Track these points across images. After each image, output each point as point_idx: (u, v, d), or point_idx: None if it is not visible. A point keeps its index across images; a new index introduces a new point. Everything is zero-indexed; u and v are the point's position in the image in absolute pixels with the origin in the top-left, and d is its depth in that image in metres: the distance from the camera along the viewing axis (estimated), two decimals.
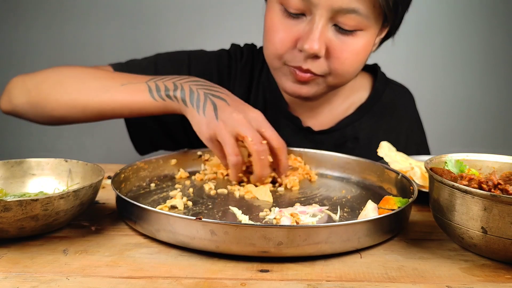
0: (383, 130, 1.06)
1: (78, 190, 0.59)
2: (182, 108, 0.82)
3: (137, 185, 0.80)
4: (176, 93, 0.82)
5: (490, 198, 0.53)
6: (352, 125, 1.04)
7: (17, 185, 0.71)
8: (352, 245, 0.57)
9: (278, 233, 0.54)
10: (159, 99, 0.83)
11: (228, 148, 0.77)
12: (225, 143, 0.77)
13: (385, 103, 1.07)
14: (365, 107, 1.05)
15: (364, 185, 0.84)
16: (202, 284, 0.50)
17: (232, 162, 0.77)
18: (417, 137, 1.13)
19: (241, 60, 1.08)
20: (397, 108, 1.09)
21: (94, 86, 0.86)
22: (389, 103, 1.07)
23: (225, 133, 0.77)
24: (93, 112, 0.86)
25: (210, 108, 0.79)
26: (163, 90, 0.83)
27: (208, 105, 0.80)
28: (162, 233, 0.58)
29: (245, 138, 0.76)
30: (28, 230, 0.58)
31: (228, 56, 1.08)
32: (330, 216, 0.68)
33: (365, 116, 1.05)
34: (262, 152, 0.77)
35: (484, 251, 0.57)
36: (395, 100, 1.09)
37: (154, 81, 0.85)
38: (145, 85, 0.84)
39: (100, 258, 0.56)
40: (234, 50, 1.09)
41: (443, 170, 0.63)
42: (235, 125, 0.77)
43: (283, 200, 0.75)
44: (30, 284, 0.49)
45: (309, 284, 0.51)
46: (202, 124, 0.79)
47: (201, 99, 0.80)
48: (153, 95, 0.83)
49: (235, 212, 0.67)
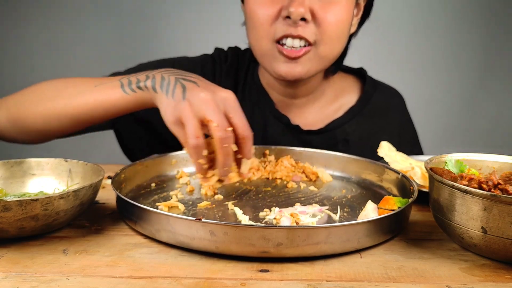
0: (373, 132, 1.06)
1: (78, 190, 0.59)
2: (152, 96, 0.77)
3: (137, 185, 0.80)
4: (147, 83, 0.77)
5: (490, 198, 0.53)
6: (342, 128, 1.04)
7: (17, 185, 0.71)
8: (352, 245, 0.57)
9: (277, 233, 0.54)
10: (130, 92, 0.79)
11: (188, 128, 0.70)
12: (187, 123, 0.70)
13: (375, 106, 1.07)
14: (355, 110, 1.06)
15: (364, 185, 0.84)
16: (202, 284, 0.50)
17: (191, 144, 0.69)
18: (409, 138, 1.14)
19: (225, 63, 1.08)
20: (388, 110, 1.10)
21: (68, 92, 0.84)
22: (379, 105, 1.08)
23: (189, 113, 0.70)
24: (68, 118, 0.83)
25: (179, 90, 0.74)
26: (134, 83, 0.79)
27: (178, 88, 0.74)
28: (162, 233, 0.58)
29: (209, 122, 0.70)
30: (28, 230, 0.58)
31: (212, 60, 1.08)
32: (330, 216, 0.68)
33: (355, 118, 1.06)
34: (226, 139, 0.70)
35: (484, 251, 0.57)
36: (385, 103, 1.10)
37: (128, 77, 0.81)
38: (118, 82, 0.81)
39: (100, 258, 0.56)
40: (218, 54, 1.10)
41: (443, 170, 0.63)
42: (202, 107, 0.71)
43: (283, 200, 0.75)
44: (30, 284, 0.49)
45: (309, 284, 0.51)
46: (169, 107, 0.73)
47: (171, 83, 0.75)
48: (125, 89, 0.80)
49: (236, 212, 0.67)
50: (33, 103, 0.86)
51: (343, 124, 1.05)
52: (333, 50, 0.92)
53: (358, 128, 1.05)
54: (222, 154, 0.71)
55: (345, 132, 1.04)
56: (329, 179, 0.85)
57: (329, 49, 0.91)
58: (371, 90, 1.08)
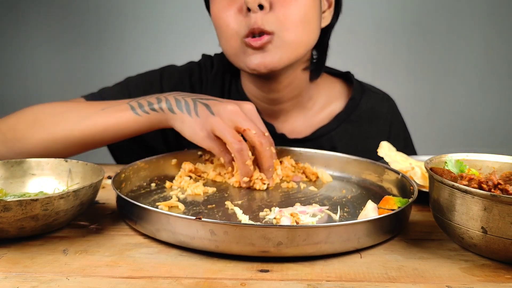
0: (362, 138, 1.05)
1: (78, 190, 0.59)
2: (168, 118, 0.80)
3: (138, 185, 0.80)
4: (161, 105, 0.81)
5: (490, 198, 0.53)
6: (328, 135, 1.03)
7: (17, 185, 0.71)
8: (352, 245, 0.57)
9: (277, 233, 0.54)
10: (143, 114, 0.81)
11: (228, 137, 0.75)
12: (225, 133, 0.75)
13: (362, 112, 1.06)
14: (342, 116, 1.04)
15: (364, 185, 0.84)
16: (202, 284, 0.50)
17: (236, 148, 0.75)
18: (401, 141, 1.12)
19: (211, 70, 1.08)
20: (376, 115, 1.08)
21: (72, 116, 0.84)
22: (367, 111, 1.07)
23: (223, 125, 0.75)
24: (75, 143, 0.84)
25: (203, 108, 0.78)
26: (146, 105, 0.82)
27: (200, 106, 0.79)
28: (162, 233, 0.58)
29: (246, 130, 0.75)
30: (28, 230, 0.58)
31: (198, 68, 1.09)
32: (330, 216, 0.68)
33: (342, 125, 1.04)
34: (266, 143, 0.76)
35: (484, 251, 0.57)
36: (373, 108, 1.08)
37: (136, 100, 0.83)
38: (127, 105, 0.83)
39: (100, 258, 0.56)
40: (204, 61, 1.10)
41: (443, 170, 0.63)
42: (233, 118, 0.76)
43: (283, 200, 0.75)
44: (30, 284, 0.49)
45: (309, 284, 0.51)
46: (196, 124, 0.78)
47: (190, 103, 0.79)
48: (136, 111, 0.81)
49: (236, 212, 0.67)
50: (33, 128, 0.84)
51: (329, 131, 1.03)
52: (299, 36, 0.90)
53: (345, 135, 1.04)
54: (265, 157, 0.77)
55: (332, 140, 1.03)
56: (329, 179, 0.85)
57: (294, 35, 0.89)
58: (358, 95, 1.06)
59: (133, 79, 1.06)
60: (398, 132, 1.12)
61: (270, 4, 0.87)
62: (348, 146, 1.03)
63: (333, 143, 1.03)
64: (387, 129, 1.09)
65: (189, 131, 0.78)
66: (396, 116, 1.13)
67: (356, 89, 1.07)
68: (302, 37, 0.91)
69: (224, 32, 0.91)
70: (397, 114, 1.14)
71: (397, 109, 1.14)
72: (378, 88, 1.14)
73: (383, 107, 1.11)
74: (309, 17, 0.91)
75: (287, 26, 0.88)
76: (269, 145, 0.78)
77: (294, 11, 0.88)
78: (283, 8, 0.87)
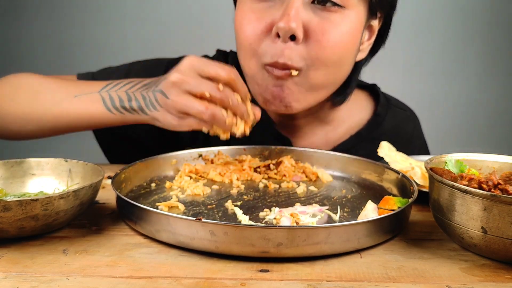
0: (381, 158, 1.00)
1: (78, 190, 0.59)
2: (144, 118, 0.76)
3: (138, 185, 0.80)
4: (132, 104, 0.76)
5: (490, 198, 0.53)
6: (348, 152, 0.95)
7: (17, 185, 0.71)
8: (352, 245, 0.57)
9: (277, 233, 0.54)
10: (115, 111, 0.77)
11: (193, 110, 0.69)
12: (188, 108, 0.69)
13: (386, 130, 0.98)
14: (363, 133, 0.97)
15: (364, 185, 0.84)
16: (202, 284, 0.50)
17: (208, 116, 0.69)
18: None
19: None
20: (400, 135, 1.00)
21: (46, 98, 0.81)
22: (391, 129, 0.98)
23: (180, 100, 0.70)
24: (48, 126, 0.81)
25: (160, 96, 0.73)
26: (117, 101, 0.77)
27: (158, 95, 0.73)
28: (162, 233, 0.58)
29: (202, 95, 0.69)
30: (28, 230, 0.58)
31: None
32: (330, 216, 0.68)
33: (362, 142, 0.97)
34: (227, 96, 0.70)
35: (484, 251, 0.57)
36: (398, 127, 1.00)
37: (107, 90, 0.79)
38: (98, 95, 0.79)
39: (100, 258, 0.56)
40: (218, 57, 1.02)
41: (443, 170, 0.63)
42: (182, 87, 0.70)
43: (283, 200, 0.75)
44: (30, 284, 0.49)
45: (309, 284, 0.51)
46: (165, 114, 0.72)
47: (151, 97, 0.74)
48: (108, 106, 0.78)
49: (236, 212, 0.67)
50: (9, 103, 0.82)
51: (348, 148, 0.95)
52: (326, 77, 0.81)
53: (364, 153, 0.95)
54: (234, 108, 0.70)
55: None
56: (329, 179, 0.85)
57: (323, 76, 0.80)
58: (383, 111, 0.98)
59: (136, 66, 1.01)
60: (423, 150, 1.06)
61: (305, 33, 0.77)
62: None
63: None
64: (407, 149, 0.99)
65: (166, 125, 0.74)
66: (419, 136, 1.06)
67: (382, 106, 0.99)
68: (331, 79, 0.82)
69: (243, 48, 0.83)
70: (421, 135, 1.07)
71: (420, 128, 1.07)
72: (404, 104, 1.06)
73: (408, 127, 1.03)
74: (347, 56, 0.81)
75: (318, 66, 0.79)
76: (231, 94, 0.70)
77: (330, 49, 0.78)
78: (318, 45, 0.77)
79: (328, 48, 0.78)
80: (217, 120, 0.70)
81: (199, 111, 0.69)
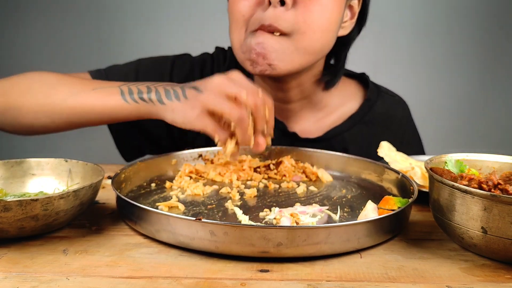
0: (375, 141, 1.00)
1: (78, 190, 0.59)
2: (158, 109, 0.76)
3: (138, 185, 0.80)
4: (151, 95, 0.77)
5: (490, 198, 0.53)
6: (341, 136, 1.01)
7: (17, 185, 0.71)
8: (352, 245, 0.57)
9: (277, 233, 0.54)
10: (131, 102, 0.78)
11: (225, 107, 0.70)
12: (220, 104, 0.70)
13: (377, 114, 1.03)
14: (356, 118, 1.02)
15: (364, 185, 0.84)
16: (202, 284, 0.50)
17: (237, 116, 0.70)
18: (414, 147, 1.09)
19: (224, 64, 1.05)
20: (391, 120, 1.06)
21: (63, 90, 0.82)
22: (382, 114, 1.04)
23: (216, 98, 0.71)
24: (62, 118, 0.82)
25: (190, 90, 0.74)
26: (135, 93, 0.78)
27: (188, 90, 0.75)
28: (162, 233, 0.58)
29: (237, 96, 0.70)
30: (28, 230, 0.58)
31: (211, 60, 1.06)
32: (330, 216, 0.68)
33: (355, 126, 1.02)
34: (261, 105, 0.72)
35: (484, 251, 0.57)
36: (388, 111, 1.05)
37: (127, 85, 0.80)
38: (117, 88, 0.80)
39: (100, 258, 0.56)
40: (217, 53, 1.07)
41: (443, 170, 0.63)
42: (222, 88, 0.71)
43: (283, 200, 0.75)
44: (30, 284, 0.49)
45: (309, 284, 0.51)
46: (187, 107, 0.73)
47: (179, 91, 0.75)
48: (126, 97, 0.78)
49: (236, 212, 0.67)
50: (24, 96, 0.83)
51: (342, 132, 1.01)
52: (314, 42, 0.85)
53: (358, 137, 1.01)
54: (260, 119, 0.73)
55: (344, 141, 1.01)
56: (329, 179, 0.85)
57: (308, 42, 0.84)
58: (374, 97, 1.04)
59: (144, 63, 1.03)
60: (411, 137, 1.10)
61: (293, 1, 0.82)
62: (361, 148, 1.00)
63: (345, 144, 1.01)
64: (400, 134, 1.07)
65: (180, 117, 0.74)
66: (409, 121, 1.10)
67: (372, 91, 1.04)
68: (317, 45, 0.86)
69: (235, 21, 0.86)
70: (410, 119, 1.11)
71: (410, 114, 1.11)
72: (393, 92, 1.11)
73: (398, 111, 1.08)
74: (330, 24, 0.86)
75: (304, 28, 0.83)
76: (263, 107, 0.72)
77: (316, 14, 0.83)
78: (306, 10, 0.82)
79: (315, 12, 0.83)
80: (243, 124, 0.71)
81: (230, 110, 0.70)
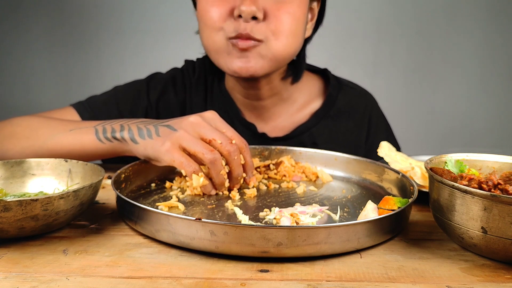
0: (341, 133, 1.07)
1: (78, 190, 0.59)
2: (131, 147, 0.79)
3: (138, 185, 0.80)
4: (124, 134, 0.79)
5: (490, 198, 0.53)
6: (309, 132, 1.05)
7: (17, 185, 0.71)
8: (352, 245, 0.57)
9: (277, 233, 0.54)
10: (105, 141, 0.81)
11: (199, 148, 0.72)
12: (194, 145, 0.73)
13: (340, 107, 1.08)
14: (320, 113, 1.07)
15: (364, 185, 0.84)
16: (202, 284, 0.50)
17: (209, 159, 0.72)
18: (382, 135, 1.12)
19: (194, 75, 1.09)
20: (354, 110, 1.10)
21: (43, 133, 0.86)
22: (345, 106, 1.09)
23: (190, 137, 0.73)
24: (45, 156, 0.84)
25: (164, 129, 0.76)
26: (109, 132, 0.81)
27: (161, 128, 0.76)
28: (162, 233, 0.58)
29: (211, 141, 0.73)
30: (28, 230, 0.58)
31: (181, 74, 1.10)
32: (330, 216, 0.68)
33: (321, 121, 1.06)
34: (234, 152, 0.74)
35: (484, 251, 0.57)
36: (350, 103, 1.10)
37: (103, 124, 0.83)
38: (92, 128, 0.83)
39: (100, 258, 0.56)
40: (187, 66, 1.11)
41: (443, 170, 0.63)
42: (197, 129, 0.74)
43: (283, 200, 0.75)
44: (30, 284, 0.49)
45: (309, 284, 0.51)
46: (159, 144, 0.74)
47: (152, 129, 0.77)
48: (100, 137, 0.81)
49: (236, 212, 0.67)
50: (9, 140, 0.87)
51: (310, 128, 1.05)
52: (286, 47, 0.91)
53: (324, 131, 1.06)
54: (234, 166, 0.75)
55: (312, 136, 1.05)
56: (329, 179, 0.85)
57: (282, 46, 0.90)
58: (335, 92, 1.09)
59: (121, 88, 1.08)
60: (378, 125, 1.14)
61: (264, 14, 0.88)
62: (329, 141, 1.05)
63: (314, 139, 1.05)
64: (365, 123, 1.11)
65: (152, 152, 0.75)
66: (375, 109, 1.15)
67: (333, 86, 1.09)
68: (289, 49, 0.92)
69: (208, 26, 0.91)
70: (376, 107, 1.15)
71: (375, 103, 1.15)
72: (355, 84, 1.16)
73: (360, 102, 1.12)
74: (299, 29, 0.93)
75: (277, 35, 0.89)
76: (237, 153, 0.75)
77: (286, 23, 0.89)
78: (276, 20, 0.88)
79: (285, 19, 0.89)
80: (216, 167, 0.73)
81: (203, 152, 0.72)
